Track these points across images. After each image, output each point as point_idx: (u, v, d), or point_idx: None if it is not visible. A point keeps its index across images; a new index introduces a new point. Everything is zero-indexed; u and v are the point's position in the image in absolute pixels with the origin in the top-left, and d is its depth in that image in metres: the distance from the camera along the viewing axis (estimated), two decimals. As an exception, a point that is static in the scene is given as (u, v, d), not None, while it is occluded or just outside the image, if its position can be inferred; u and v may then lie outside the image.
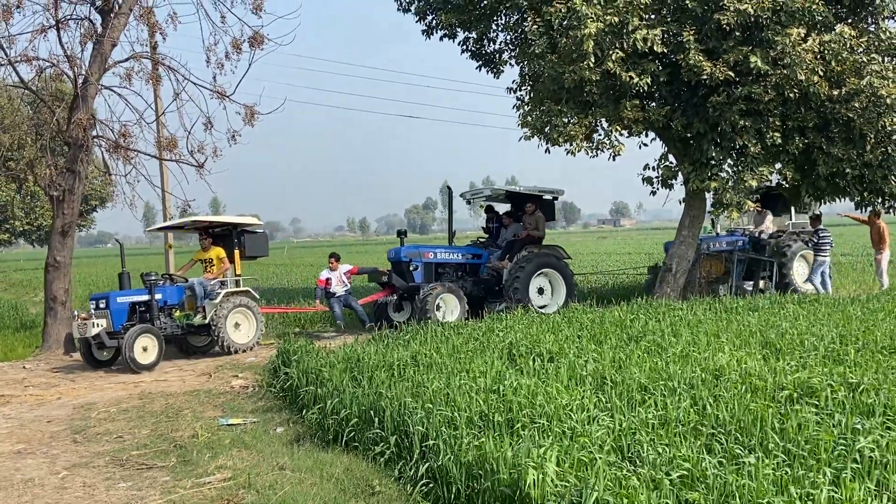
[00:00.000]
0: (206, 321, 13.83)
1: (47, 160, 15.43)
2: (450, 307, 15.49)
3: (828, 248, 16.64)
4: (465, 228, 71.14)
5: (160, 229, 16.38)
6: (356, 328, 15.91)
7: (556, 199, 17.79)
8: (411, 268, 16.13)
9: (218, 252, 14.60)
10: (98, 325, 12.86)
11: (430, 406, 6.77)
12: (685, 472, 4.91)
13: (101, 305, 13.21)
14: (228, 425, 8.52)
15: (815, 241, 16.70)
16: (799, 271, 17.39)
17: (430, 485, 5.80)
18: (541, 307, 15.74)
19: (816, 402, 6.33)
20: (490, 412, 6.56)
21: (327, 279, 15.63)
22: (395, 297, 16.36)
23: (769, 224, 18.31)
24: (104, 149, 15.55)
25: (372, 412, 7.23)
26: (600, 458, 5.13)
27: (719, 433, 5.76)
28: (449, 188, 17.75)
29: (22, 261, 76.34)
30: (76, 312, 13.53)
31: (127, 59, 15.59)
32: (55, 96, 16.43)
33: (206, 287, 14.15)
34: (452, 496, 5.53)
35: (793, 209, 18.26)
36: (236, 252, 14.91)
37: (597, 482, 4.60)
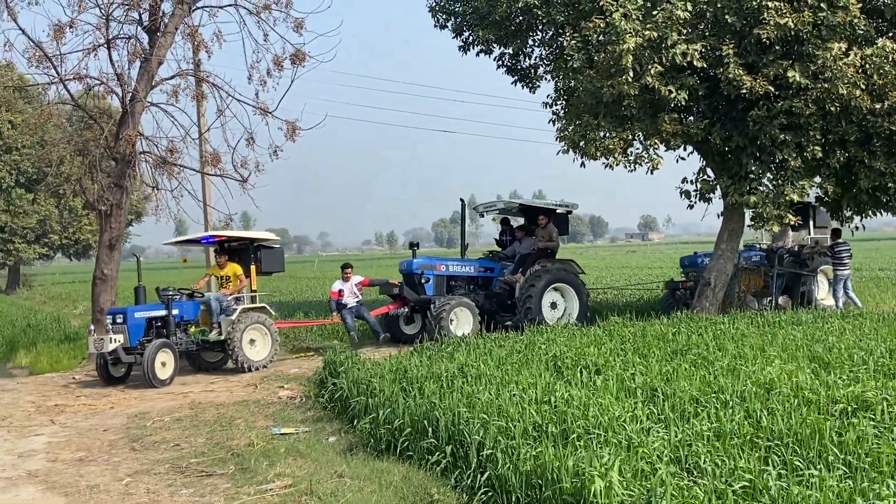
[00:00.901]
0: (222, 337, 13.68)
1: (95, 176, 15.81)
2: (462, 321, 15.43)
3: (847, 261, 16.67)
4: (487, 243, 71.05)
5: (177, 243, 16.46)
6: (369, 340, 16.01)
7: (569, 212, 17.78)
8: (423, 280, 16.10)
9: (235, 269, 14.48)
10: (115, 340, 12.67)
11: (485, 416, 6.87)
12: (747, 484, 4.98)
13: (119, 320, 12.98)
14: (281, 434, 8.68)
15: (832, 255, 16.74)
16: (820, 286, 17.41)
17: (489, 493, 5.90)
18: (555, 321, 15.64)
19: (872, 416, 6.36)
20: (544, 423, 6.66)
21: (340, 290, 15.57)
22: (406, 310, 16.28)
23: (789, 239, 18.29)
24: (150, 164, 15.87)
25: (425, 422, 7.35)
26: (660, 468, 5.22)
27: (776, 446, 5.81)
28: (462, 201, 17.70)
29: (58, 274, 77.59)
30: (92, 328, 13.47)
31: (173, 77, 16.02)
32: (106, 113, 16.81)
33: (221, 303, 13.96)
34: (512, 504, 5.63)
35: (811, 224, 18.10)
36: (252, 267, 14.78)
37: (665, 491, 4.68)
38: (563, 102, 18.67)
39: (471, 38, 18.75)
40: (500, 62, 19.36)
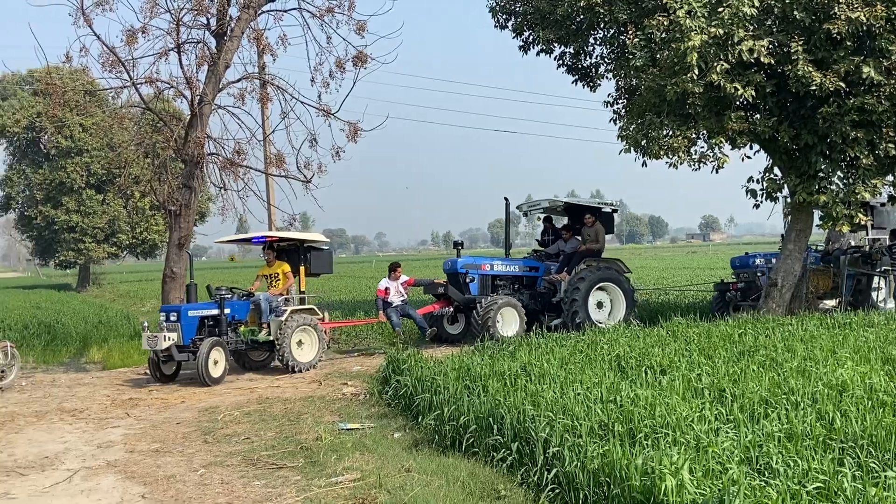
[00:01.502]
0: (271, 338, 13.66)
1: (165, 177, 16.25)
2: (508, 321, 15.34)
3: None
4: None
5: (229, 241, 16.67)
6: (416, 338, 15.98)
7: (615, 211, 17.56)
8: (468, 280, 16.03)
9: (283, 267, 14.50)
10: (169, 338, 12.72)
11: (550, 415, 6.90)
12: (821, 485, 4.92)
13: (173, 318, 13.05)
14: (348, 429, 8.83)
15: (891, 255, 16.27)
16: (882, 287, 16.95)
17: (556, 490, 5.93)
18: (600, 322, 15.53)
19: (951, 418, 6.21)
20: (610, 422, 6.67)
21: (386, 288, 15.62)
22: (451, 310, 16.24)
23: (845, 240, 17.83)
24: (218, 165, 16.24)
25: (490, 419, 7.40)
26: (731, 467, 5.19)
27: (850, 448, 5.73)
28: (506, 199, 17.43)
29: (125, 273, 79.68)
30: (145, 325, 13.63)
31: (239, 80, 16.37)
32: (175, 116, 17.26)
33: (271, 303, 13.96)
34: (580, 502, 5.65)
35: (869, 225, 17.58)
36: (301, 269, 14.79)
37: (738, 490, 4.66)
38: (625, 101, 18.56)
39: (531, 37, 18.75)
40: (561, 61, 19.30)
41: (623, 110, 18.45)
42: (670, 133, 15.37)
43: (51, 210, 47.23)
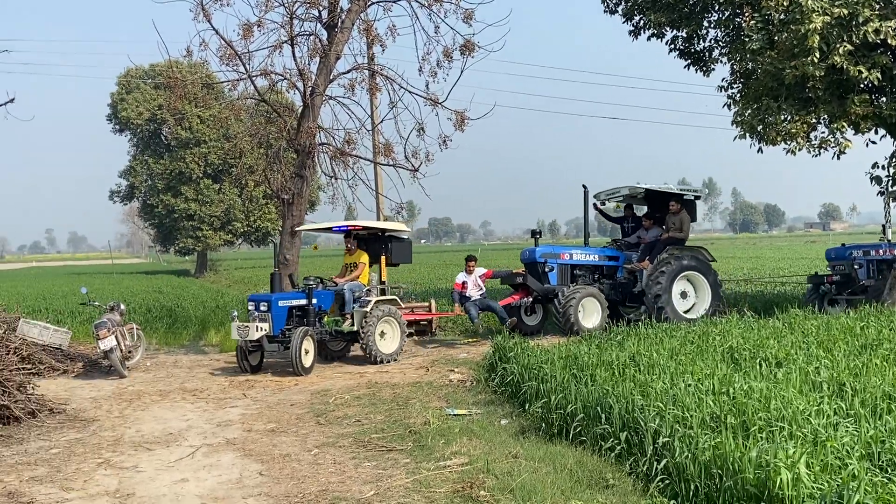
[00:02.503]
0: (355, 328, 13.51)
1: (278, 167, 16.76)
2: (590, 312, 15.03)
3: None
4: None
5: (310, 230, 16.74)
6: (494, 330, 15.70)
7: (698, 198, 16.89)
8: (546, 269, 15.69)
9: (362, 257, 14.34)
10: (261, 328, 12.60)
11: (660, 405, 6.82)
12: (949, 484, 4.70)
13: (263, 308, 12.87)
14: (455, 415, 8.95)
15: None
16: None
17: (666, 481, 5.86)
18: (684, 312, 15.07)
19: None
20: (722, 414, 6.53)
21: (463, 282, 15.42)
22: (530, 300, 15.95)
23: None
24: (328, 155, 16.63)
25: (598, 408, 7.37)
26: (851, 463, 5.02)
27: (982, 446, 5.44)
28: (584, 187, 16.85)
29: (240, 260, 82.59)
30: (235, 314, 13.49)
31: (349, 71, 16.70)
32: (288, 107, 17.78)
33: (354, 293, 13.82)
34: (691, 493, 5.57)
35: None
36: (382, 258, 14.59)
37: (858, 485, 4.50)
38: (741, 85, 17.99)
39: (642, 21, 18.39)
40: (673, 45, 18.87)
41: (738, 95, 17.89)
42: (788, 118, 14.83)
43: (171, 199, 49.44)
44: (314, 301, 13.34)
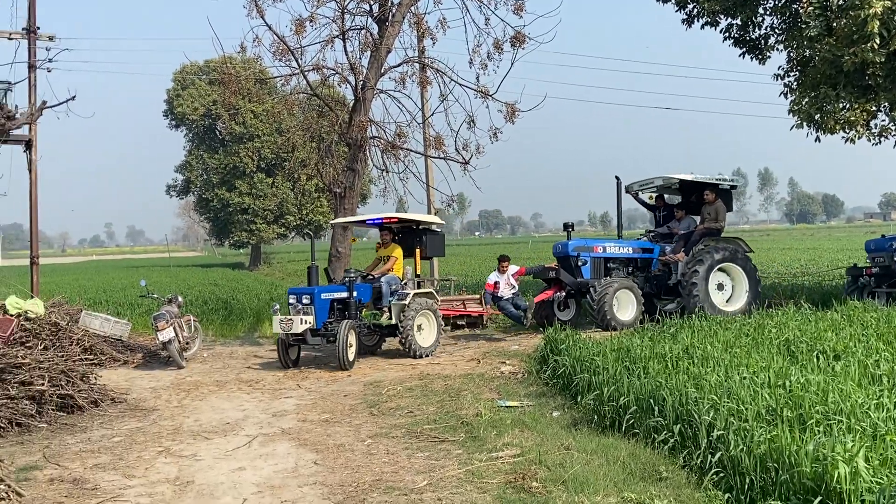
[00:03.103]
0: (393, 321, 13.25)
1: (330, 160, 16.94)
2: (624, 305, 14.76)
3: None
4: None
5: (343, 223, 16.59)
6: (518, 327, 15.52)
7: (733, 188, 16.35)
8: (579, 263, 15.35)
9: (396, 250, 14.09)
10: (306, 321, 12.38)
11: (714, 398, 6.76)
12: None
13: (305, 301, 12.61)
14: (507, 407, 8.98)
15: None
16: None
17: (721, 474, 5.82)
18: (721, 305, 14.78)
19: None
20: (778, 407, 6.45)
21: (495, 283, 15.22)
22: (563, 295, 15.67)
23: None
24: (380, 148, 16.74)
25: (651, 401, 7.33)
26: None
27: None
28: (617, 178, 16.50)
29: (292, 253, 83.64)
30: (277, 308, 13.24)
31: (400, 64, 16.78)
32: (339, 101, 17.95)
33: (391, 285, 13.59)
34: (746, 486, 5.52)
35: None
36: (417, 251, 14.35)
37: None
38: (798, 73, 17.64)
39: (695, 10, 18.14)
40: (727, 34, 18.57)
41: (795, 83, 17.55)
42: (847, 106, 14.51)
43: (225, 193, 50.33)
44: (354, 294, 13.14)
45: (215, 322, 18.22)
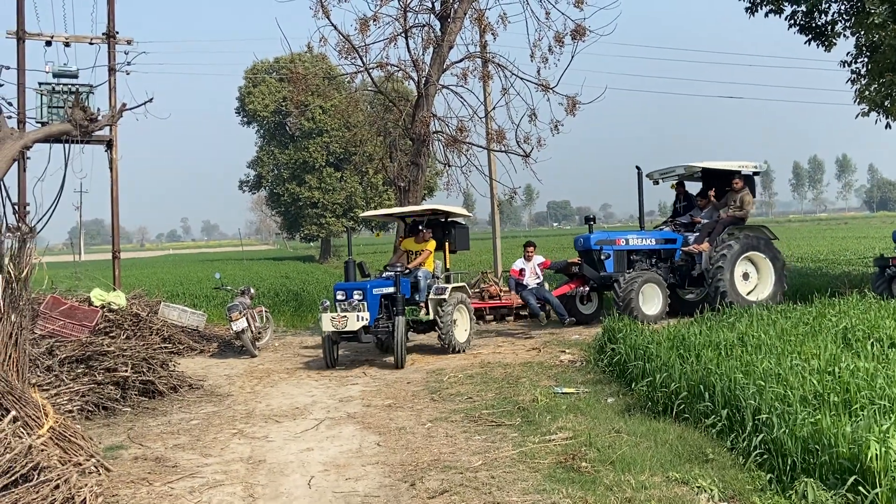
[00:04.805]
0: (431, 317, 13.02)
1: (395, 155, 17.38)
2: (650, 298, 14.58)
3: None
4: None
5: (373, 216, 16.23)
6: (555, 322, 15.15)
7: (757, 174, 16.00)
8: (602, 256, 15.17)
9: (431, 244, 13.72)
10: (362, 318, 11.95)
11: (762, 383, 6.93)
12: None
13: (358, 297, 12.14)
14: (563, 394, 9.26)
15: None
16: None
17: (765, 455, 6.01)
18: (746, 294, 14.58)
19: None
20: (825, 392, 6.61)
21: (521, 269, 15.00)
22: (586, 289, 15.50)
23: None
24: (442, 143, 17.11)
25: (702, 387, 7.53)
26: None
27: None
28: (638, 168, 16.24)
29: (361, 245, 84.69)
30: (326, 303, 12.66)
31: (462, 60, 17.09)
32: (403, 97, 18.36)
33: (428, 280, 13.27)
34: (788, 467, 5.71)
35: None
36: (446, 245, 14.14)
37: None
38: (866, 60, 17.36)
39: (759, -2, 17.99)
40: (793, 21, 18.37)
41: (864, 69, 17.27)
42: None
43: (296, 187, 51.42)
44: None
45: (286, 313, 18.85)
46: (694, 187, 17.19)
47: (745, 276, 15.15)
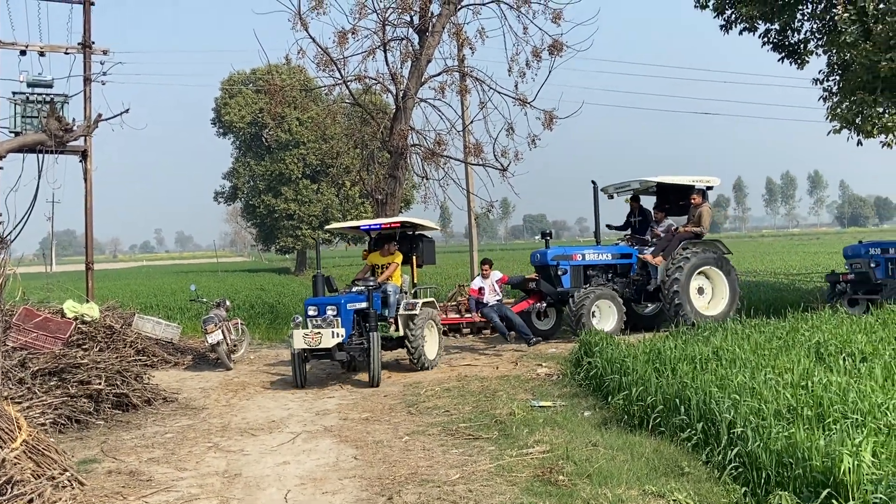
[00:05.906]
0: (401, 334, 12.72)
1: (372, 167, 17.41)
2: (606, 314, 14.49)
3: None
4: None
5: (339, 229, 16.00)
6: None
7: (710, 188, 16.01)
8: (559, 272, 15.07)
9: (398, 258, 13.39)
10: (338, 334, 11.40)
11: (737, 397, 7.01)
12: None
13: (331, 312, 11.63)
14: (539, 407, 9.29)
15: None
16: None
17: (739, 469, 6.07)
18: (703, 309, 14.70)
19: None
20: (798, 406, 6.69)
21: (479, 288, 14.81)
22: (543, 305, 15.42)
23: None
24: (420, 156, 17.15)
25: (677, 400, 7.59)
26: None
27: None
28: (593, 182, 16.07)
29: (337, 258, 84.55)
30: (299, 319, 12.29)
31: (440, 74, 17.16)
32: (381, 110, 18.41)
33: (396, 295, 12.95)
34: (762, 480, 5.76)
35: None
36: (413, 259, 13.83)
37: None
38: (837, 78, 17.65)
39: (734, 16, 18.26)
40: (766, 39, 18.66)
41: (835, 87, 17.56)
42: (884, 111, 14.55)
43: (272, 199, 51.24)
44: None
45: (262, 325, 18.77)
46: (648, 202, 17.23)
47: (700, 290, 15.18)
